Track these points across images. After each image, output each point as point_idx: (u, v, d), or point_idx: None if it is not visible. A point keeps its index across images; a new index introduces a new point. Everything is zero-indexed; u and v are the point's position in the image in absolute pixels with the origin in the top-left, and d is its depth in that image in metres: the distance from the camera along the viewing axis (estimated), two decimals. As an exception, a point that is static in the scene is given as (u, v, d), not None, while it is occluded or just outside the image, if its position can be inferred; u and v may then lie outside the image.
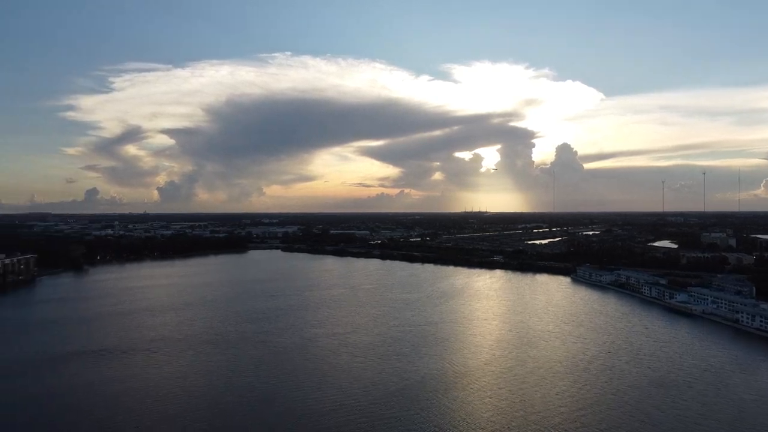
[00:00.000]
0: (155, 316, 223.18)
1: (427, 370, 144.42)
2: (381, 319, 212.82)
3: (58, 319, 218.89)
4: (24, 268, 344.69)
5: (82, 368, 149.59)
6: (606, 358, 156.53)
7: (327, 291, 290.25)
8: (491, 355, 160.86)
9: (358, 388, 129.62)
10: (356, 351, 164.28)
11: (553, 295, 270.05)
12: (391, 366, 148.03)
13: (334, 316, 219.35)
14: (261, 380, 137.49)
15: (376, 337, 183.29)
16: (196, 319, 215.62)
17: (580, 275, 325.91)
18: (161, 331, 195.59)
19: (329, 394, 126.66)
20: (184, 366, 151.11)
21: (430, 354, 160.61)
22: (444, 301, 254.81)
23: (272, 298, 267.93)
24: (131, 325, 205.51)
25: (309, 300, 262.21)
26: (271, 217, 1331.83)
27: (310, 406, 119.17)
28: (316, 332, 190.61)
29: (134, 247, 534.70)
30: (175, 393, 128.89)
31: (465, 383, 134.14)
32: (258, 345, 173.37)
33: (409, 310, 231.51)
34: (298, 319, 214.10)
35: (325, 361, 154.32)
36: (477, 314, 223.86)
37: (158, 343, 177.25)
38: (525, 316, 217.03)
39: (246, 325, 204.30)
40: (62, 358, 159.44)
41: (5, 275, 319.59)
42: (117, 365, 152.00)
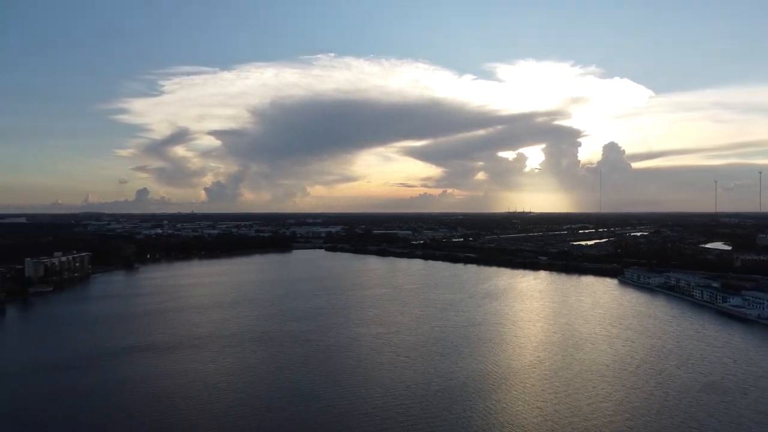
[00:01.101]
0: (202, 314, 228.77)
1: (470, 371, 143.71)
2: (424, 320, 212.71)
3: (112, 315, 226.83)
4: (79, 265, 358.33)
5: (135, 363, 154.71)
6: (655, 362, 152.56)
7: (370, 291, 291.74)
8: (536, 357, 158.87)
9: (401, 388, 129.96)
10: (399, 350, 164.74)
11: (599, 297, 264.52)
12: (433, 366, 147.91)
13: (377, 316, 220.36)
14: (306, 378, 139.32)
15: (419, 337, 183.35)
16: (242, 317, 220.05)
17: (627, 277, 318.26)
18: (208, 328, 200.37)
19: (372, 392, 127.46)
20: (230, 363, 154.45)
21: (473, 355, 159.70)
22: (487, 302, 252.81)
23: (316, 297, 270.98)
24: (180, 322, 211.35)
25: (352, 299, 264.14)
26: (315, 217, 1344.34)
27: (353, 404, 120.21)
28: (360, 331, 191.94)
29: (182, 246, 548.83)
30: (222, 389, 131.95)
31: (509, 385, 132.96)
32: (303, 343, 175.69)
33: (452, 310, 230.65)
34: (342, 318, 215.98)
35: (368, 360, 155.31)
36: (521, 316, 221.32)
37: (205, 340, 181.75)
38: (570, 318, 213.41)
39: (291, 323, 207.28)
40: (116, 353, 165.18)
41: (62, 272, 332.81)
42: (167, 360, 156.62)
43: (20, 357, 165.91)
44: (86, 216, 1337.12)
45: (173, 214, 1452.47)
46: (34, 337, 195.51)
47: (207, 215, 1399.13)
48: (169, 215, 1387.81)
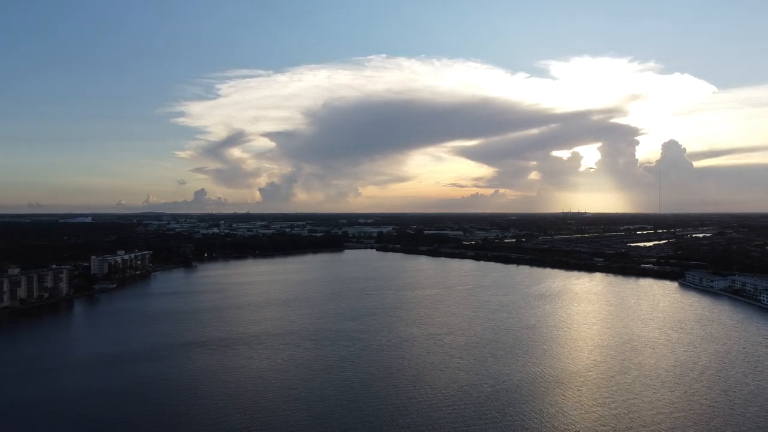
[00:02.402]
0: (258, 312, 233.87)
1: (523, 373, 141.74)
2: (476, 321, 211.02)
3: (172, 312, 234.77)
4: (141, 263, 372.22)
5: (194, 358, 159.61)
6: (720, 368, 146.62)
7: (421, 291, 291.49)
8: (592, 361, 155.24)
9: (453, 389, 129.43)
10: (451, 351, 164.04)
11: (658, 301, 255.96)
12: (486, 368, 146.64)
13: (428, 316, 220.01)
14: (358, 376, 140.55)
15: (471, 338, 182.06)
16: (295, 316, 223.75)
17: (688, 280, 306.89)
18: (263, 325, 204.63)
19: (424, 392, 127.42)
20: (284, 360, 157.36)
21: (527, 357, 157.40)
22: (540, 303, 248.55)
23: (368, 296, 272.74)
24: (236, 319, 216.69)
25: (404, 299, 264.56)
26: (367, 217, 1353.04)
27: (405, 403, 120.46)
28: (412, 332, 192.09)
29: (238, 245, 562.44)
30: (277, 385, 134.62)
31: (564, 389, 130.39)
32: (355, 342, 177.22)
33: (505, 311, 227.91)
34: (394, 318, 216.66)
35: (420, 360, 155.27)
36: (576, 318, 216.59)
37: (261, 337, 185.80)
38: (628, 322, 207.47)
39: (343, 322, 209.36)
40: (177, 348, 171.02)
41: (125, 270, 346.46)
42: (224, 356, 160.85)
43: (88, 350, 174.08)
44: (147, 216, 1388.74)
45: (229, 214, 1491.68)
46: (100, 332, 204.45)
47: (261, 215, 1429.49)
48: (225, 215, 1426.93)
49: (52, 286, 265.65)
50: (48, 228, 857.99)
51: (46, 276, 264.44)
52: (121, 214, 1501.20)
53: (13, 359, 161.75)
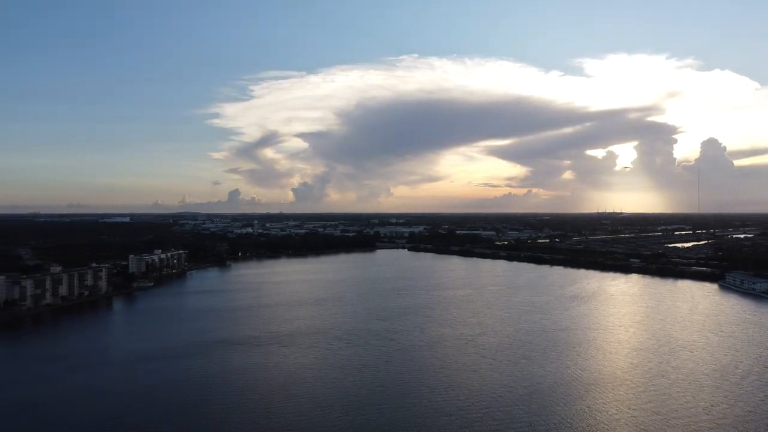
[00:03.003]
0: (290, 310, 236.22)
1: (557, 375, 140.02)
2: (509, 322, 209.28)
3: (207, 310, 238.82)
4: (177, 262, 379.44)
5: (228, 355, 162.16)
6: (762, 373, 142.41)
7: (453, 291, 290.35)
8: (628, 363, 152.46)
9: (487, 390, 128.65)
10: (484, 352, 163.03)
11: (697, 303, 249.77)
12: (519, 369, 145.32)
13: (461, 317, 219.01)
14: (391, 376, 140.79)
15: (504, 339, 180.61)
16: (328, 315, 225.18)
17: (729, 282, 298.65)
18: (296, 324, 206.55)
19: (457, 393, 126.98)
20: (318, 358, 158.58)
21: (561, 359, 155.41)
22: (575, 305, 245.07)
23: (400, 296, 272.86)
24: (269, 318, 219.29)
25: (436, 300, 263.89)
26: (398, 217, 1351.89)
27: (437, 404, 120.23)
28: (444, 332, 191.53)
29: (271, 244, 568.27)
30: (310, 384, 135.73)
31: (599, 392, 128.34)
32: (387, 342, 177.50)
33: (538, 313, 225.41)
34: (426, 318, 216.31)
35: (453, 361, 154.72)
36: (611, 320, 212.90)
37: (294, 335, 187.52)
38: (666, 324, 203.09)
39: (376, 322, 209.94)
40: (211, 346, 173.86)
41: (161, 269, 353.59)
42: (257, 355, 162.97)
43: (126, 347, 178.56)
44: (183, 216, 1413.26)
45: (262, 214, 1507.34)
46: (137, 329, 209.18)
47: (294, 215, 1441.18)
48: (258, 215, 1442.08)
49: (92, 284, 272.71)
50: (88, 227, 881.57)
51: (86, 274, 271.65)
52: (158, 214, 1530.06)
53: (55, 355, 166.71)
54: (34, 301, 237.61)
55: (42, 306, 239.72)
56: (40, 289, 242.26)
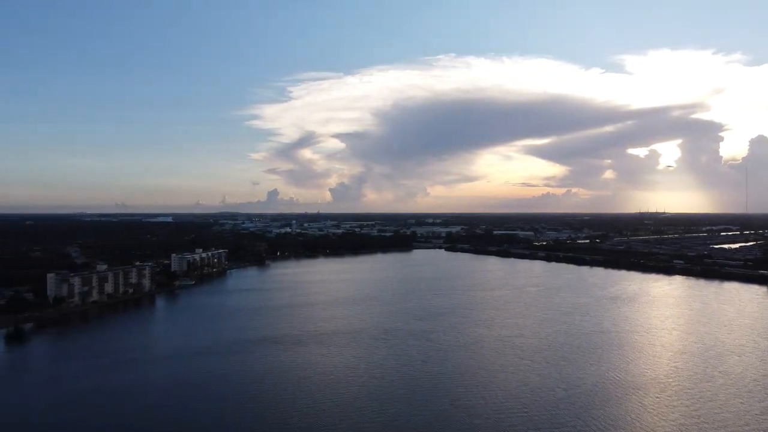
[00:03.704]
0: (328, 309, 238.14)
1: (597, 378, 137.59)
2: (547, 323, 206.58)
3: (247, 308, 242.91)
4: (217, 261, 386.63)
5: (268, 353, 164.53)
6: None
7: (490, 292, 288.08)
8: (672, 367, 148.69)
9: (525, 392, 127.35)
10: (522, 354, 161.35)
11: (744, 306, 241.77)
12: (558, 371, 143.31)
13: (498, 317, 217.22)
14: (428, 376, 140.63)
15: (543, 340, 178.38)
16: (365, 314, 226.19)
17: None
18: (334, 323, 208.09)
19: (495, 394, 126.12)
20: (355, 357, 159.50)
21: (601, 361, 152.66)
22: (615, 306, 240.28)
23: (437, 296, 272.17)
24: (307, 317, 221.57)
25: (473, 300, 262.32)
26: (435, 217, 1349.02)
27: (475, 405, 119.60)
28: (482, 333, 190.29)
29: (309, 244, 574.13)
30: (348, 382, 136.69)
31: (642, 396, 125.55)
32: (425, 342, 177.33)
33: (577, 314, 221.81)
34: (463, 319, 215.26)
35: (490, 362, 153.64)
36: (654, 323, 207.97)
37: (331, 335, 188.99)
38: (711, 328, 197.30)
39: (413, 321, 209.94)
40: (251, 343, 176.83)
41: (202, 267, 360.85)
42: (296, 352, 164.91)
43: (169, 344, 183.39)
44: (223, 215, 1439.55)
45: (300, 214, 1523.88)
46: (179, 326, 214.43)
47: (332, 215, 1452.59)
48: (296, 215, 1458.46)
49: (136, 282, 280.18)
50: (132, 227, 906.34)
51: (130, 272, 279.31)
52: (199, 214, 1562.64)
53: (101, 351, 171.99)
54: (82, 298, 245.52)
55: (89, 303, 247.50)
56: (87, 287, 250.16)
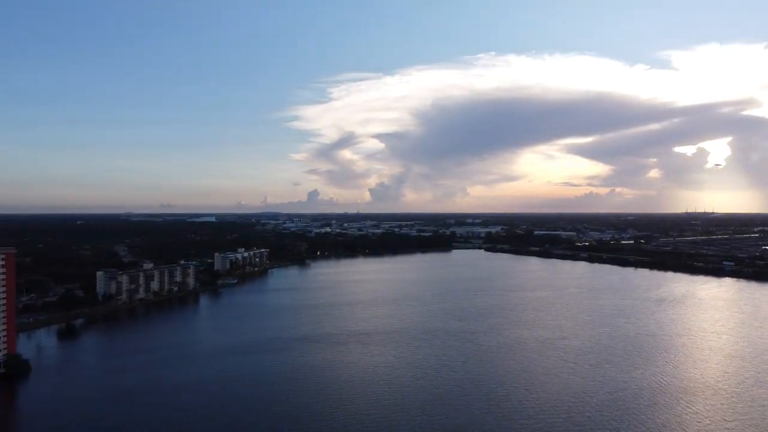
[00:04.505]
0: (368, 309, 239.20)
1: (643, 381, 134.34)
2: (591, 325, 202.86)
3: (288, 307, 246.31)
4: (259, 260, 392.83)
5: (309, 352, 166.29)
6: None
7: (531, 293, 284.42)
8: (722, 371, 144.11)
9: (568, 394, 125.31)
10: (565, 356, 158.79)
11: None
12: (602, 374, 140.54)
13: (539, 319, 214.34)
14: (468, 377, 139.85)
15: (586, 342, 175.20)
16: (405, 314, 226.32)
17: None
18: (373, 322, 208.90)
19: (537, 396, 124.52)
20: (395, 357, 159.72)
21: (647, 365, 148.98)
22: (661, 309, 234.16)
23: (477, 297, 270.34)
24: (347, 316, 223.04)
25: (513, 301, 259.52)
26: (475, 217, 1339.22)
27: (517, 406, 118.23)
28: (522, 334, 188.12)
29: (348, 244, 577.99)
30: (388, 382, 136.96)
31: (689, 400, 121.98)
32: (464, 342, 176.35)
33: (622, 316, 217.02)
34: (504, 320, 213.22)
35: (532, 364, 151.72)
36: (702, 326, 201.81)
37: (371, 334, 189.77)
38: (764, 331, 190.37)
39: (452, 322, 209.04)
40: (292, 341, 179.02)
41: (244, 266, 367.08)
42: (337, 351, 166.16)
43: (213, 341, 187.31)
44: (265, 215, 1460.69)
45: (340, 214, 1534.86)
46: (223, 324, 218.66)
47: (371, 215, 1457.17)
48: (336, 215, 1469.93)
49: (181, 280, 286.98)
50: (177, 227, 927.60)
51: (175, 271, 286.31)
52: (242, 214, 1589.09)
53: (148, 347, 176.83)
54: (129, 296, 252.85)
55: (136, 300, 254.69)
56: (134, 285, 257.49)
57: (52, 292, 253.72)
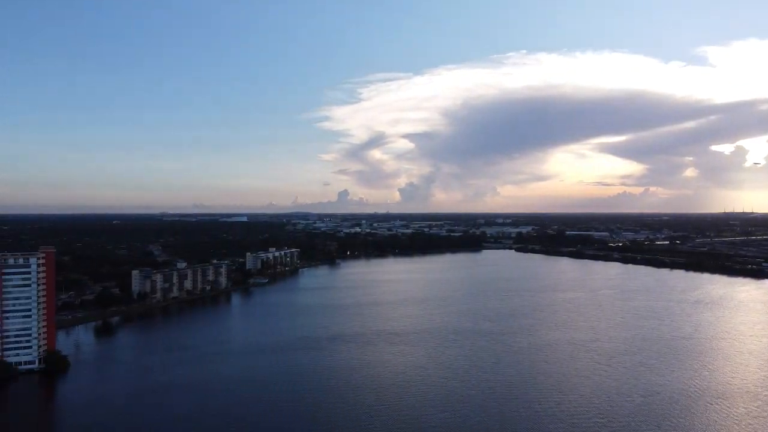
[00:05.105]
0: (397, 308, 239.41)
1: (679, 385, 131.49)
2: (624, 327, 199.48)
3: (318, 306, 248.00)
4: (290, 260, 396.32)
5: (339, 350, 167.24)
6: None
7: (563, 294, 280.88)
8: (762, 376, 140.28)
9: (601, 397, 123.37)
10: (598, 358, 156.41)
11: None
12: (636, 377, 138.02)
13: (571, 320, 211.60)
14: (498, 378, 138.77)
15: (619, 344, 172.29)
16: (435, 314, 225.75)
17: None
18: (403, 322, 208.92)
19: (568, 399, 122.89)
20: (425, 357, 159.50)
21: (683, 368, 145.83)
22: (698, 311, 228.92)
23: (507, 297, 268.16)
24: (377, 315, 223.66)
25: (545, 302, 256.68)
26: (505, 217, 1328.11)
27: (549, 409, 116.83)
28: (554, 335, 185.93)
29: (378, 244, 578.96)
30: (418, 382, 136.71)
31: (728, 406, 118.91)
32: (495, 343, 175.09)
33: (656, 318, 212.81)
34: (535, 321, 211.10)
35: (564, 365, 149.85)
36: (740, 329, 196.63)
37: (401, 334, 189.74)
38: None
39: (482, 322, 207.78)
40: (322, 341, 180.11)
41: (275, 266, 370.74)
42: (367, 351, 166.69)
43: (245, 339, 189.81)
44: (296, 215, 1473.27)
45: (370, 214, 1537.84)
46: (254, 323, 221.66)
47: (401, 215, 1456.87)
48: (366, 215, 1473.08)
49: (214, 279, 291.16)
50: (210, 226, 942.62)
51: (208, 270, 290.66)
52: (272, 214, 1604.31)
53: (182, 345, 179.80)
54: (163, 294, 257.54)
55: (170, 299, 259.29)
56: (168, 284, 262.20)
57: (90, 290, 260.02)
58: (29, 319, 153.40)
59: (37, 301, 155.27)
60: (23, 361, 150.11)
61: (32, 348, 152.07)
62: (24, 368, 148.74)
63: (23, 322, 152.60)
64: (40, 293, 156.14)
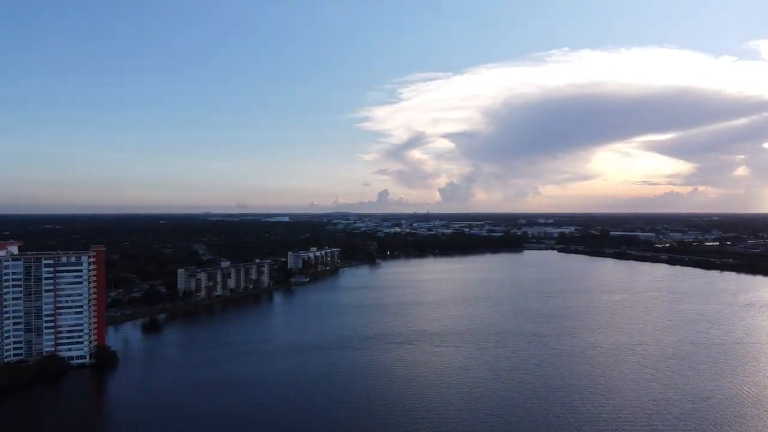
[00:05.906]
0: (438, 309, 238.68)
1: (730, 391, 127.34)
2: (672, 330, 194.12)
3: (359, 305, 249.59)
4: (330, 259, 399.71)
5: (379, 350, 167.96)
6: None
7: (607, 295, 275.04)
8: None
9: (648, 402, 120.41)
10: (644, 362, 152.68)
11: None
12: (684, 382, 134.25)
13: (616, 323, 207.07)
14: (542, 380, 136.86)
15: (667, 348, 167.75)
16: (476, 315, 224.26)
17: None
18: (444, 322, 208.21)
19: (613, 402, 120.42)
20: (466, 358, 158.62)
21: (734, 374, 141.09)
22: (751, 315, 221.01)
23: (550, 299, 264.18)
24: (417, 315, 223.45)
25: (588, 303, 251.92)
26: (547, 217, 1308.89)
27: (594, 413, 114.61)
28: (598, 338, 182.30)
29: (418, 244, 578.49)
30: (459, 383, 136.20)
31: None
32: (537, 345, 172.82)
33: (706, 322, 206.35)
34: (577, 323, 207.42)
35: (608, 369, 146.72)
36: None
37: (442, 334, 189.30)
38: None
39: (524, 324, 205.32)
40: (363, 340, 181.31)
41: (316, 265, 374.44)
42: (407, 351, 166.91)
43: (287, 337, 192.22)
44: (336, 215, 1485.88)
45: (410, 214, 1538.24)
46: (296, 321, 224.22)
47: (441, 215, 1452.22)
48: (406, 215, 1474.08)
49: (256, 278, 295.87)
50: (253, 226, 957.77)
51: (251, 269, 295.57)
52: (314, 214, 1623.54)
53: (226, 342, 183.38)
54: (207, 293, 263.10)
55: (214, 297, 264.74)
56: (212, 282, 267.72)
57: (137, 288, 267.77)
58: (81, 316, 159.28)
59: (88, 298, 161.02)
60: (75, 356, 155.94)
61: (84, 343, 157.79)
62: (76, 363, 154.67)
63: (75, 318, 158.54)
64: (91, 290, 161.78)
